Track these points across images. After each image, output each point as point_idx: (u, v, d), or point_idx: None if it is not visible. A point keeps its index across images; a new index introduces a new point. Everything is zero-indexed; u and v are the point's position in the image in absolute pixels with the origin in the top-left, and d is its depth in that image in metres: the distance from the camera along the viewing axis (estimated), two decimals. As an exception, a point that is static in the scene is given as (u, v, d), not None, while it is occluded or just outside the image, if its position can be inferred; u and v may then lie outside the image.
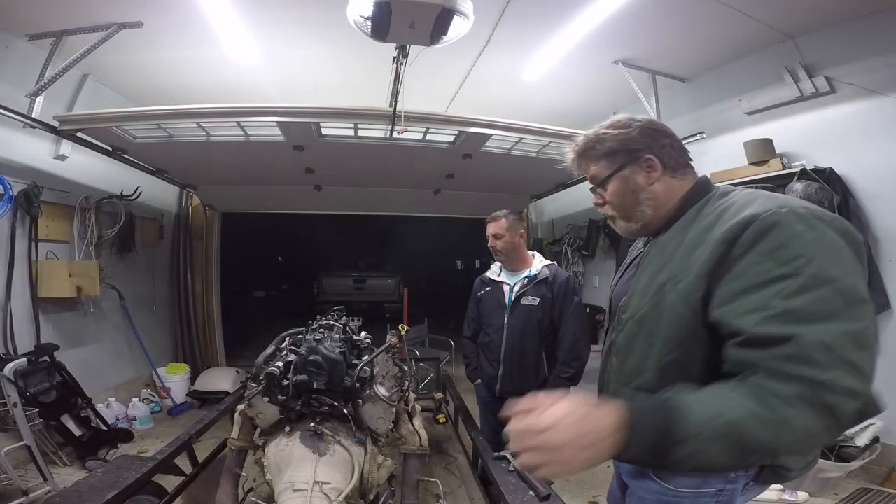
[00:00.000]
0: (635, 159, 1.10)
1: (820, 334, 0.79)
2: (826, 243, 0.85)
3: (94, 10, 3.17)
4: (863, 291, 0.83)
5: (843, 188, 3.18)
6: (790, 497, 2.89)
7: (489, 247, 2.59)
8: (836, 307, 0.80)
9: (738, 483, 1.05)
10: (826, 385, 0.77)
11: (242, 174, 4.93)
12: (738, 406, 0.78)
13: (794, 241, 0.84)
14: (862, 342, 0.80)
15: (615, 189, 1.13)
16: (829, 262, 0.83)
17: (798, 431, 0.78)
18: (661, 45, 3.79)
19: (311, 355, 1.94)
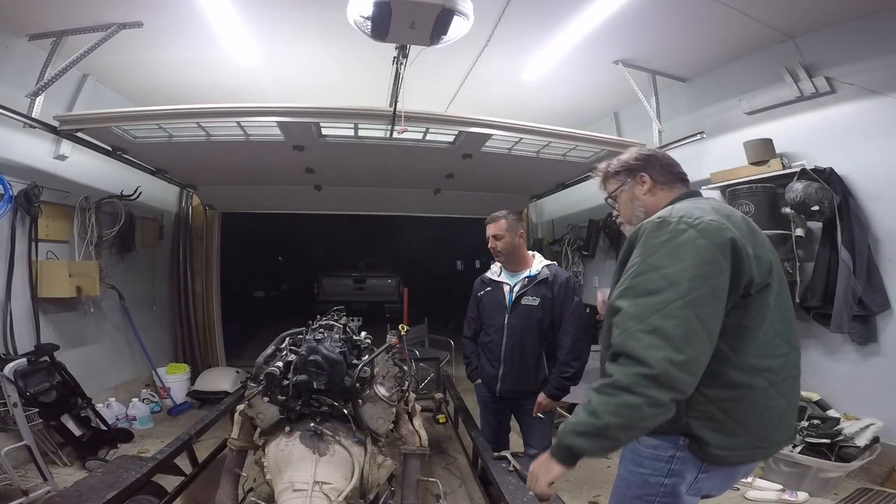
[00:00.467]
0: (633, 176, 1.47)
1: (634, 306, 1.14)
2: (671, 243, 1.16)
3: (94, 10, 3.17)
4: (681, 276, 1.11)
5: (843, 188, 3.18)
6: (790, 497, 2.89)
7: (489, 247, 2.59)
8: (655, 287, 1.13)
9: (686, 452, 1.25)
10: (619, 349, 1.12)
11: (242, 174, 4.93)
12: (577, 410, 1.23)
13: (649, 241, 1.20)
14: (668, 313, 1.09)
15: (622, 199, 1.50)
16: (664, 256, 1.15)
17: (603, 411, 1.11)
18: (661, 45, 3.79)
19: (311, 355, 1.94)
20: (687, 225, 1.17)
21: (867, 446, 2.88)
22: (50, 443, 3.26)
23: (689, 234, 1.15)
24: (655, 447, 1.28)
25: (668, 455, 1.26)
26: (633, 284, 1.17)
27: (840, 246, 3.11)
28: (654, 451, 1.28)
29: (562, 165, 4.42)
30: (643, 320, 1.11)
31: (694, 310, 1.09)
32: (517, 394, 2.57)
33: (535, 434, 2.61)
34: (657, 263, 1.15)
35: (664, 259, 1.15)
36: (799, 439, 3.01)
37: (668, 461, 1.26)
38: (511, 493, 2.01)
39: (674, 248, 1.15)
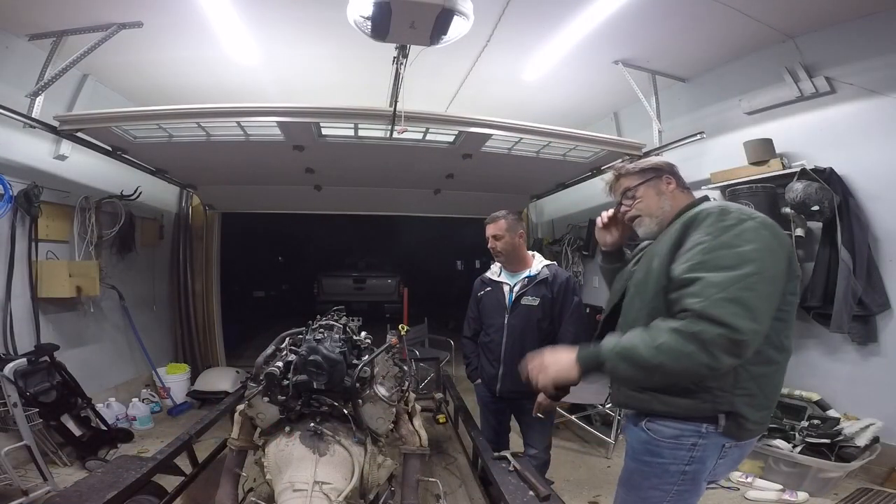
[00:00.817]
0: (659, 176, 1.55)
1: (714, 277, 1.20)
2: (739, 227, 1.25)
3: (94, 10, 3.17)
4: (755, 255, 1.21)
5: (843, 188, 3.18)
6: (790, 497, 2.89)
7: (489, 248, 2.59)
8: (732, 263, 1.20)
9: (709, 439, 1.31)
10: (701, 314, 1.17)
11: (242, 174, 4.93)
12: (631, 337, 1.29)
13: (718, 223, 1.27)
14: (748, 285, 1.18)
15: (646, 193, 1.54)
16: (736, 237, 1.23)
17: (666, 351, 1.20)
18: (661, 45, 3.79)
19: (311, 355, 1.94)
20: (747, 216, 1.28)
21: (867, 446, 2.88)
22: (50, 443, 3.26)
23: (751, 223, 1.26)
24: (677, 437, 1.33)
25: (690, 443, 1.32)
26: (706, 260, 1.23)
27: (840, 246, 3.11)
28: (675, 440, 1.33)
29: (562, 165, 4.42)
30: (725, 289, 1.17)
31: (766, 287, 1.21)
32: (517, 394, 2.57)
33: (536, 434, 2.61)
34: (730, 242, 1.23)
35: (736, 240, 1.23)
36: (799, 439, 3.02)
37: (690, 449, 1.32)
38: (511, 493, 2.01)
39: (742, 232, 1.24)
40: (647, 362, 1.22)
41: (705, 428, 1.31)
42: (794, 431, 3.12)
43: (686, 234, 1.33)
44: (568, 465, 3.52)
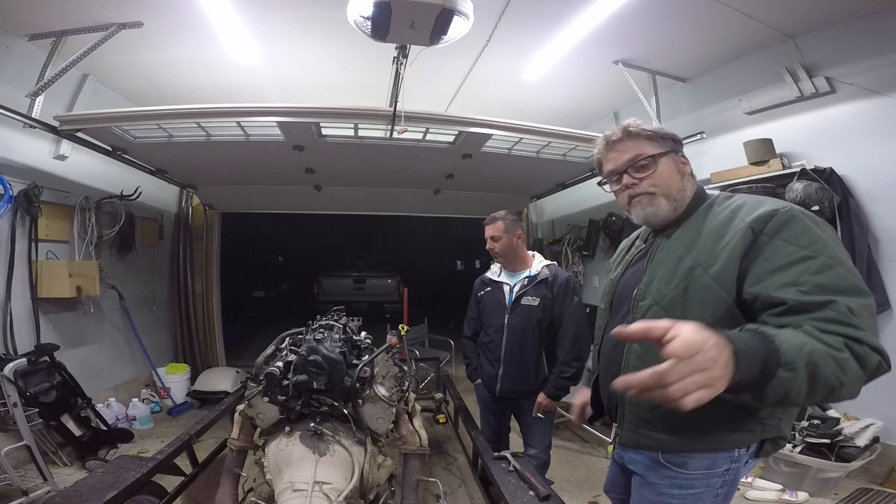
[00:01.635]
0: (678, 151, 1.29)
1: (849, 302, 0.96)
2: (829, 233, 1.06)
3: (94, 10, 3.17)
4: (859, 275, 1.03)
5: (843, 188, 3.18)
6: (790, 497, 2.89)
7: (487, 249, 2.59)
8: (853, 283, 1.00)
9: (741, 462, 1.19)
10: (861, 340, 0.93)
11: (242, 174, 4.93)
12: (814, 343, 0.90)
13: (809, 231, 1.05)
14: (872, 312, 1.00)
15: (665, 167, 1.25)
16: (837, 248, 1.04)
17: (850, 371, 0.91)
18: (661, 45, 3.79)
19: (311, 355, 1.94)
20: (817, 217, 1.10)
21: (867, 446, 2.88)
22: (50, 443, 3.26)
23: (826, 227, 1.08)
24: (710, 466, 1.20)
25: (723, 469, 1.20)
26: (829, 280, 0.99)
27: (840, 246, 3.10)
28: (707, 470, 1.20)
29: (562, 165, 4.42)
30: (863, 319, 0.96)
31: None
32: (517, 394, 2.57)
33: (536, 434, 2.61)
34: (837, 257, 1.02)
35: (840, 252, 1.04)
36: (799, 439, 3.02)
37: (723, 475, 1.21)
38: (511, 493, 2.01)
39: (835, 241, 1.06)
40: (828, 379, 0.89)
41: (738, 452, 1.19)
42: (794, 431, 3.12)
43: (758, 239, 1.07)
44: (568, 465, 3.52)
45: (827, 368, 0.89)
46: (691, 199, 1.26)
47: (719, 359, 0.77)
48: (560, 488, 2.99)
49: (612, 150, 1.30)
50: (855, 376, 0.92)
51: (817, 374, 0.88)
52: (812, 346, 0.89)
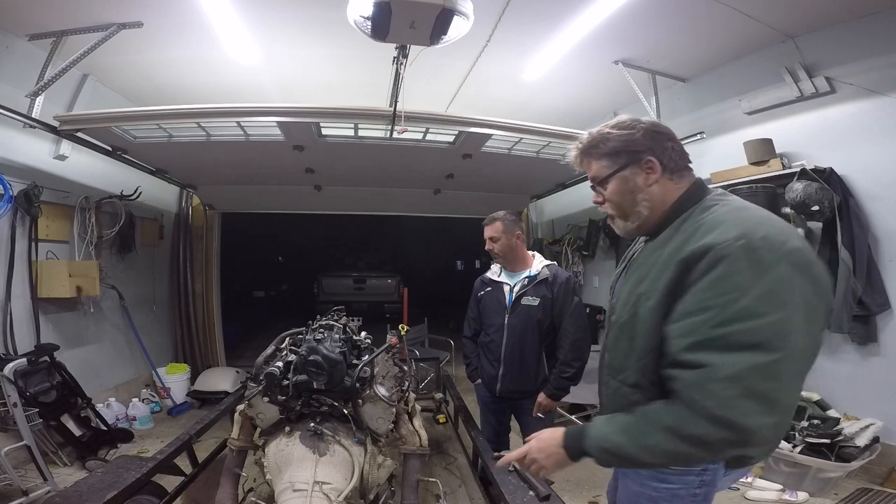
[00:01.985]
0: (636, 160, 1.15)
1: (726, 366, 0.91)
2: (766, 279, 0.92)
3: (94, 10, 3.17)
4: (791, 326, 0.91)
5: (843, 188, 3.18)
6: (790, 497, 2.89)
7: (487, 249, 2.60)
8: (756, 340, 0.90)
9: (718, 464, 1.17)
10: (709, 416, 0.92)
11: (242, 174, 4.93)
12: (617, 430, 1.07)
13: (736, 276, 0.93)
14: (773, 374, 0.90)
15: (615, 188, 1.19)
16: (762, 298, 0.91)
17: (658, 454, 1.01)
18: (661, 45, 3.79)
19: (311, 355, 1.94)
20: (779, 255, 0.94)
21: (867, 446, 2.88)
22: (50, 443, 3.26)
23: (783, 269, 0.93)
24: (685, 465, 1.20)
25: (699, 469, 1.18)
26: (721, 336, 0.93)
27: (840, 246, 3.11)
28: (683, 467, 1.19)
29: (562, 165, 4.32)
30: (740, 382, 0.90)
31: (799, 366, 0.96)
32: (517, 394, 2.57)
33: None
34: (752, 310, 0.91)
35: (759, 304, 0.91)
36: (799, 439, 3.02)
37: (700, 473, 1.19)
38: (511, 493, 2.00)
39: (770, 290, 0.92)
40: (636, 460, 1.05)
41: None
42: (794, 431, 3.12)
43: (687, 277, 1.00)
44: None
45: (626, 453, 1.04)
46: (672, 204, 1.16)
47: (553, 454, 1.17)
48: (560, 488, 2.99)
49: (578, 164, 1.27)
50: (669, 456, 1.01)
51: (620, 456, 1.06)
52: (608, 439, 1.07)
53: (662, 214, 1.17)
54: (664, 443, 0.99)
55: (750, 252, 0.94)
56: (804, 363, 0.98)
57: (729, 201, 1.12)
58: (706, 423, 0.93)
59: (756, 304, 0.91)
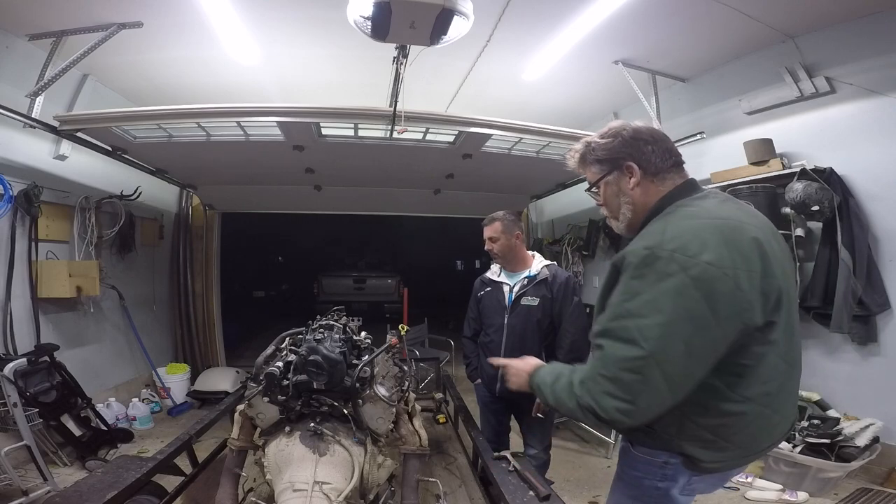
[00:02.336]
0: (618, 166, 1.27)
1: (604, 353, 1.12)
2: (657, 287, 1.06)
3: (94, 10, 3.17)
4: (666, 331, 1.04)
5: (843, 188, 3.18)
6: (790, 497, 2.89)
7: (486, 250, 2.59)
8: (629, 336, 1.07)
9: (678, 459, 1.23)
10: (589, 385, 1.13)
11: (242, 174, 4.93)
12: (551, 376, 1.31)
13: (634, 281, 1.10)
14: (637, 368, 1.05)
15: (604, 192, 1.33)
16: (647, 303, 1.06)
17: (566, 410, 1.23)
18: (661, 45, 3.79)
19: (311, 355, 1.94)
20: (679, 266, 1.04)
21: (867, 446, 2.88)
22: (50, 443, 3.26)
23: (677, 280, 1.03)
24: (649, 453, 1.26)
25: (661, 461, 1.25)
26: (610, 329, 1.12)
27: (840, 246, 3.11)
28: (648, 456, 1.27)
29: (562, 165, 4.33)
30: (607, 366, 1.10)
31: (661, 367, 1.04)
32: (517, 394, 2.56)
33: (535, 434, 2.61)
34: (635, 310, 1.07)
35: (643, 307, 1.06)
36: (799, 439, 3.02)
37: (662, 467, 1.25)
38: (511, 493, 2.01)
39: (656, 297, 1.05)
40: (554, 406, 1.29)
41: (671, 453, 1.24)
42: (794, 431, 3.12)
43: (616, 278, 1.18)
44: (568, 465, 3.51)
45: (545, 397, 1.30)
46: (653, 205, 1.24)
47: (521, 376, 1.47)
48: (560, 488, 2.99)
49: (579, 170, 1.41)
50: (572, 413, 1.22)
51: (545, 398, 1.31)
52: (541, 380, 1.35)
53: (644, 215, 1.26)
54: (571, 404, 1.19)
55: (652, 262, 1.07)
56: (678, 369, 1.05)
57: (696, 206, 1.19)
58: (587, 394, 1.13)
59: (640, 306, 1.06)
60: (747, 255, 1.07)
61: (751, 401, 1.14)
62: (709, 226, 1.10)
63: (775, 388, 1.17)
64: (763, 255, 1.09)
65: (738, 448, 1.21)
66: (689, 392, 1.09)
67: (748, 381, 1.13)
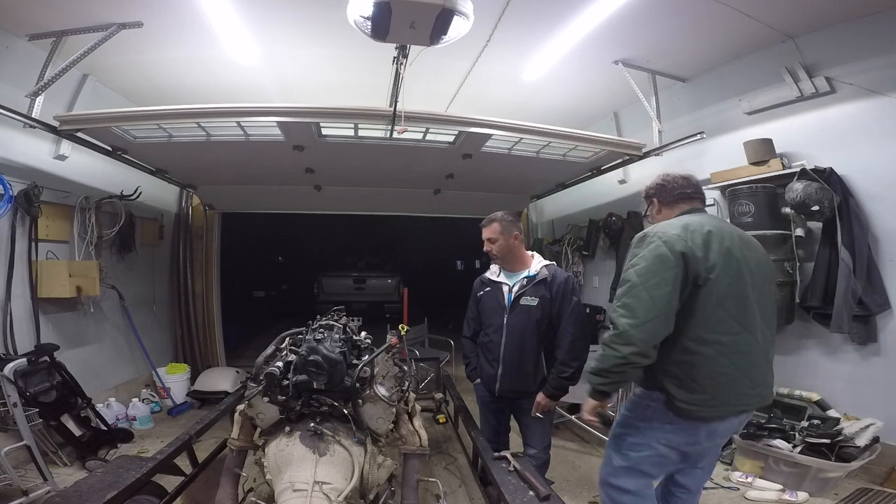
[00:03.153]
0: (650, 199, 2.08)
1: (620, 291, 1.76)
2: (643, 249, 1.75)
3: (94, 10, 3.17)
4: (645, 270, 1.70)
5: (843, 188, 3.18)
6: (790, 497, 2.89)
7: (485, 251, 2.60)
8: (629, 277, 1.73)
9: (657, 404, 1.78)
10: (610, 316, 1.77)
11: (242, 174, 4.93)
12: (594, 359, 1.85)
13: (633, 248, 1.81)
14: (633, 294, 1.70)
15: (651, 214, 2.09)
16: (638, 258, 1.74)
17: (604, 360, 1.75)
18: (661, 45, 3.79)
19: (311, 355, 1.94)
20: (657, 238, 1.74)
21: (867, 446, 2.88)
22: (50, 443, 3.26)
23: (655, 243, 1.72)
24: (640, 396, 1.87)
25: (645, 403, 1.84)
26: (621, 280, 1.78)
27: (840, 246, 3.11)
28: (638, 399, 1.88)
29: (562, 165, 4.42)
30: (620, 299, 1.74)
31: (648, 291, 1.67)
32: (516, 394, 2.57)
33: (535, 434, 2.61)
34: (633, 263, 1.75)
35: (637, 260, 1.74)
36: (799, 439, 3.02)
37: (645, 408, 1.84)
38: (511, 493, 2.01)
39: (644, 253, 1.73)
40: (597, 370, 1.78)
41: (656, 395, 1.78)
42: (794, 431, 3.12)
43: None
44: (568, 465, 3.52)
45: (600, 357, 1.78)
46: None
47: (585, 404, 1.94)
48: (560, 488, 2.99)
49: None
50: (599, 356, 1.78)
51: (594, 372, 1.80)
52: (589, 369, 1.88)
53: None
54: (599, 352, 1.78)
55: (643, 237, 1.80)
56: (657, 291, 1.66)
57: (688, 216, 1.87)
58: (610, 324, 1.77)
59: (635, 260, 1.75)
60: (695, 237, 1.72)
61: (705, 343, 1.70)
62: (679, 222, 1.81)
63: (727, 340, 1.70)
64: (707, 241, 1.71)
65: (705, 393, 1.71)
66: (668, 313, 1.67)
67: (696, 322, 1.70)
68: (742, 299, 1.70)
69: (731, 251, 1.72)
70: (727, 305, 1.68)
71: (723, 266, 1.69)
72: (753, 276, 1.74)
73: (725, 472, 3.25)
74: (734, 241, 1.76)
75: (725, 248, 1.71)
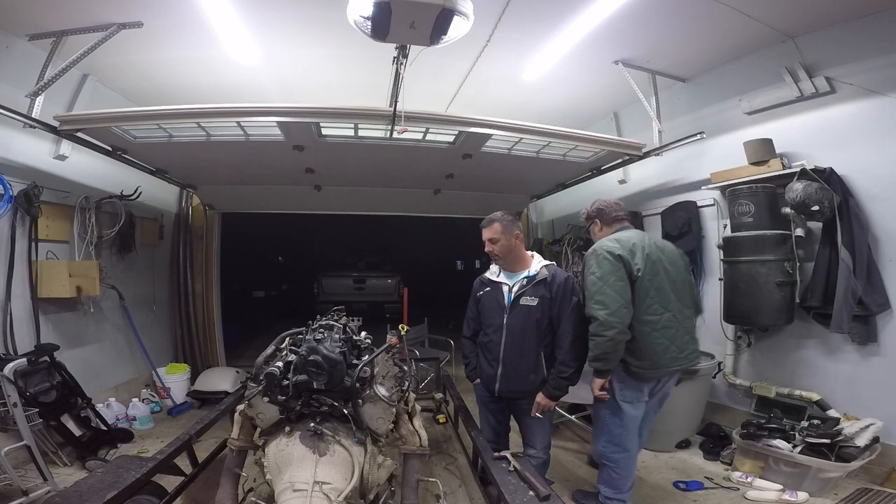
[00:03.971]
0: (592, 222, 2.72)
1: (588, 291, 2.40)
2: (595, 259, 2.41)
3: (94, 10, 3.17)
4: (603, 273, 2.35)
5: (843, 188, 3.18)
6: (790, 497, 2.89)
7: (486, 251, 2.59)
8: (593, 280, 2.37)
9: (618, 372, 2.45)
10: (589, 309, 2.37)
11: (242, 174, 4.93)
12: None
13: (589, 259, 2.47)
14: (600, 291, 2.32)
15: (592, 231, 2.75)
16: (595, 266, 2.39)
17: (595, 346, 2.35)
18: (661, 45, 3.79)
19: (311, 355, 1.94)
20: (603, 250, 2.40)
21: (867, 446, 2.88)
22: (50, 443, 3.26)
23: (603, 254, 2.39)
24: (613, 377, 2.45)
25: (611, 379, 2.45)
26: (586, 283, 2.41)
27: (840, 246, 3.11)
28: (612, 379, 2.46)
29: (562, 165, 4.42)
30: (593, 298, 2.34)
31: (611, 287, 2.31)
32: (516, 393, 2.57)
33: (535, 434, 2.61)
34: (592, 271, 2.39)
35: (594, 269, 2.38)
36: (799, 439, 3.02)
37: (610, 382, 2.46)
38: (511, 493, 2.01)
39: (597, 262, 2.39)
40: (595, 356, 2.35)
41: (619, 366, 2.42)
42: (794, 431, 3.12)
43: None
44: (568, 465, 3.52)
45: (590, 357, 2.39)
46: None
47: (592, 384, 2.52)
48: (560, 488, 2.99)
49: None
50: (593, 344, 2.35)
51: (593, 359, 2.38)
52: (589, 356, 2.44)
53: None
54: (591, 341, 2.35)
55: (591, 254, 2.46)
56: (615, 288, 2.30)
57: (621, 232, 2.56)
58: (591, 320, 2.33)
59: (593, 268, 2.38)
60: (626, 246, 2.40)
61: (642, 323, 2.38)
62: (614, 237, 2.51)
63: (654, 319, 2.39)
64: (632, 250, 2.40)
65: (647, 360, 2.40)
66: (628, 300, 2.32)
67: (638, 308, 2.36)
68: (661, 289, 2.41)
69: (650, 255, 2.41)
70: (652, 294, 2.38)
71: (645, 266, 2.38)
72: (668, 272, 2.45)
73: (725, 472, 3.26)
74: (652, 248, 2.45)
75: (646, 254, 2.40)
